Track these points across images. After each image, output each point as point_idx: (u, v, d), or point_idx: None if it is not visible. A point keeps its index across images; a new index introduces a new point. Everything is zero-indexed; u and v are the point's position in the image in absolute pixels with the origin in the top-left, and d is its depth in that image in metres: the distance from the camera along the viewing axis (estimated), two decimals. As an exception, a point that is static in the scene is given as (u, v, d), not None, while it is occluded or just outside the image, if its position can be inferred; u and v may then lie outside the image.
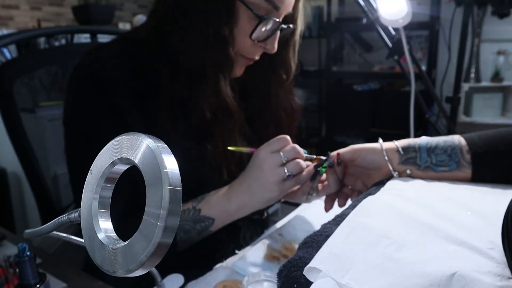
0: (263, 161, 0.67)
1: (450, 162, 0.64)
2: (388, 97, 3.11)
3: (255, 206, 0.70)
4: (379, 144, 0.68)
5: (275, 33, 0.71)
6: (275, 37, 0.72)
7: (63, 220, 0.30)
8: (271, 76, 0.82)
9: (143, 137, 0.24)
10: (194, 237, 0.71)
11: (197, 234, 0.71)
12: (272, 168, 0.67)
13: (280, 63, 0.81)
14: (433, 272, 0.39)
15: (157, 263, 0.22)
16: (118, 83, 0.70)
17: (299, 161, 0.68)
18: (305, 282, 0.44)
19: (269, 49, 0.73)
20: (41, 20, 3.20)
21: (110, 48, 0.76)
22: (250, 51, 0.73)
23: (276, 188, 0.67)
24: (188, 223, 0.70)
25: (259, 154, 0.68)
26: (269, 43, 0.72)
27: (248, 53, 0.73)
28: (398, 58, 1.06)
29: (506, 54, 2.70)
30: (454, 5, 1.58)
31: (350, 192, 0.75)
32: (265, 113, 0.84)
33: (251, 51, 0.73)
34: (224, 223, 0.71)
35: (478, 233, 0.48)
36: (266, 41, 0.72)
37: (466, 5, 1.28)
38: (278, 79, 0.82)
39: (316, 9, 3.43)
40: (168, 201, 0.21)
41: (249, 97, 0.83)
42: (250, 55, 0.74)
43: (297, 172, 0.68)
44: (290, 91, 0.87)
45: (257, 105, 0.84)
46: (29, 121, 1.03)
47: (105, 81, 0.70)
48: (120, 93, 0.70)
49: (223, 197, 0.70)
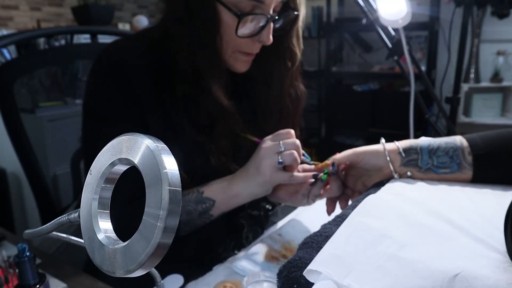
0: (263, 148, 0.71)
1: (452, 164, 0.64)
2: (388, 98, 3.11)
3: (251, 190, 0.73)
4: (381, 146, 0.68)
5: (267, 26, 0.72)
6: (268, 29, 0.72)
7: (63, 220, 0.30)
8: (276, 64, 0.83)
9: (142, 138, 0.24)
10: (195, 219, 0.73)
11: (198, 216, 0.73)
12: (268, 152, 0.70)
13: (284, 50, 0.81)
14: (435, 273, 0.39)
15: (157, 263, 0.22)
16: (138, 72, 0.74)
17: (293, 152, 0.69)
18: (305, 282, 0.44)
19: (264, 41, 0.74)
20: (40, 20, 3.20)
21: (132, 40, 0.82)
22: (246, 46, 0.75)
23: (268, 173, 0.69)
24: (190, 204, 0.73)
25: (263, 142, 0.72)
26: (262, 36, 0.73)
27: (245, 49, 0.75)
28: (398, 59, 1.06)
29: (505, 54, 2.70)
30: (454, 6, 1.58)
31: (351, 193, 0.75)
32: (267, 101, 0.85)
33: (247, 47, 0.75)
34: (224, 206, 0.74)
35: (479, 233, 0.48)
36: (260, 34, 0.72)
37: (466, 6, 1.28)
38: (283, 67, 0.83)
39: (315, 10, 3.43)
40: (167, 201, 0.21)
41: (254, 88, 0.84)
42: (248, 50, 0.75)
43: (289, 162, 0.70)
44: (296, 78, 0.88)
45: (262, 94, 0.85)
46: (29, 121, 1.03)
47: (126, 68, 0.73)
48: (140, 81, 0.73)
49: (225, 181, 0.74)
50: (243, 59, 0.77)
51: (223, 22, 0.71)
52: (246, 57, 0.77)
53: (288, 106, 0.87)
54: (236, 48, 0.74)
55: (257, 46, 0.76)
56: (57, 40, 1.74)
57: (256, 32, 0.72)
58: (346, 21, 3.25)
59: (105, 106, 0.74)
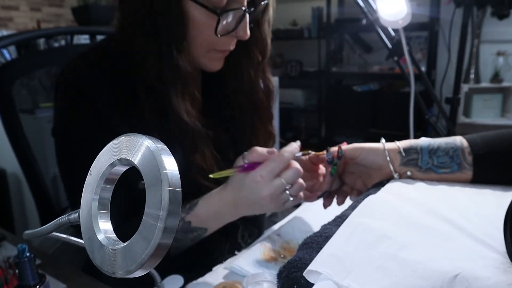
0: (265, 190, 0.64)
1: (452, 164, 0.64)
2: (388, 98, 3.11)
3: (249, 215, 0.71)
4: (381, 144, 0.68)
5: (243, 20, 0.68)
6: (245, 23, 0.68)
7: (63, 221, 0.30)
8: (245, 57, 0.78)
9: (142, 138, 0.24)
10: (188, 243, 0.71)
11: (190, 241, 0.71)
12: (275, 196, 0.65)
13: (254, 41, 0.76)
14: (436, 273, 0.39)
15: (157, 264, 0.22)
16: (100, 91, 0.69)
17: (301, 182, 0.67)
18: (305, 283, 0.44)
19: (242, 36, 0.69)
20: (40, 21, 3.20)
21: (87, 58, 0.74)
22: (222, 44, 0.71)
23: (278, 209, 0.68)
24: (179, 234, 0.69)
25: (256, 179, 0.65)
26: (239, 31, 0.68)
27: (221, 46, 0.71)
28: (398, 59, 1.06)
29: (505, 55, 2.70)
30: (454, 6, 1.58)
31: (349, 190, 0.74)
32: (240, 96, 0.81)
33: (223, 44, 0.71)
34: (217, 227, 0.72)
35: (479, 234, 0.48)
36: (237, 29, 0.68)
37: (466, 6, 1.28)
38: (252, 60, 0.79)
39: (315, 10, 3.44)
40: (167, 202, 0.21)
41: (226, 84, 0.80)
42: (223, 47, 0.71)
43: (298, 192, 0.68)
44: (265, 70, 0.83)
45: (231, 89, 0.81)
46: (29, 122, 1.03)
47: (87, 89, 0.69)
48: (103, 100, 0.69)
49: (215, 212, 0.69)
50: (217, 57, 0.73)
51: (193, 21, 0.66)
52: (221, 54, 0.73)
53: (261, 99, 0.83)
54: (210, 47, 0.70)
55: (233, 42, 0.72)
56: (57, 41, 1.73)
57: (232, 28, 0.68)
58: (346, 21, 3.26)
59: (74, 131, 0.71)
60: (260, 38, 0.76)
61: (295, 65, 3.59)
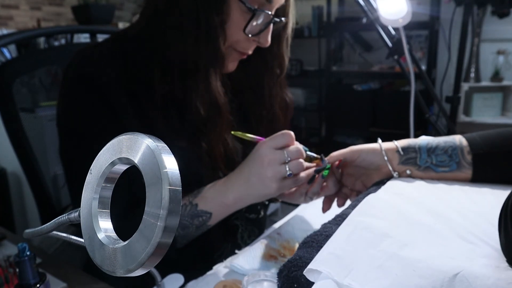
0: (265, 156, 0.65)
1: (451, 163, 0.64)
2: (388, 97, 3.11)
3: (251, 200, 0.70)
4: (378, 145, 0.68)
5: (268, 27, 0.71)
6: (268, 30, 0.71)
7: (63, 220, 0.30)
8: (264, 71, 0.81)
9: (143, 137, 0.24)
10: (193, 232, 0.71)
11: (195, 229, 0.70)
12: (274, 164, 0.65)
13: (272, 58, 0.80)
14: (436, 272, 0.39)
15: (157, 263, 0.22)
16: (110, 82, 0.69)
17: (302, 161, 0.66)
18: (306, 282, 0.44)
19: (263, 42, 0.72)
20: (40, 20, 3.20)
21: (101, 47, 0.74)
22: (243, 45, 0.73)
23: (275, 186, 0.66)
24: (185, 219, 0.69)
25: (262, 148, 0.66)
26: (262, 37, 0.71)
27: (241, 47, 0.73)
28: (398, 58, 1.06)
29: (506, 53, 2.70)
30: (454, 5, 1.57)
31: (349, 192, 0.74)
32: (259, 109, 0.84)
33: (244, 45, 0.73)
34: (221, 216, 0.71)
35: (479, 233, 0.48)
36: (259, 35, 0.71)
37: (466, 5, 1.28)
38: (272, 74, 0.82)
39: (316, 9, 3.43)
40: (168, 201, 0.21)
41: (243, 93, 0.83)
42: (243, 49, 0.73)
43: (298, 171, 0.67)
44: (284, 85, 0.86)
45: (250, 101, 0.84)
46: (29, 121, 1.03)
47: (96, 80, 0.69)
48: (113, 92, 0.69)
49: (220, 190, 0.69)
50: (235, 57, 0.75)
51: (232, 15, 0.68)
52: (238, 56, 0.75)
53: (278, 114, 0.85)
54: (232, 45, 0.72)
55: (252, 47, 0.74)
56: (57, 40, 1.73)
57: (257, 32, 0.71)
58: (347, 20, 3.25)
59: (81, 122, 0.71)
60: (279, 54, 0.80)
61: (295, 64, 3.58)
